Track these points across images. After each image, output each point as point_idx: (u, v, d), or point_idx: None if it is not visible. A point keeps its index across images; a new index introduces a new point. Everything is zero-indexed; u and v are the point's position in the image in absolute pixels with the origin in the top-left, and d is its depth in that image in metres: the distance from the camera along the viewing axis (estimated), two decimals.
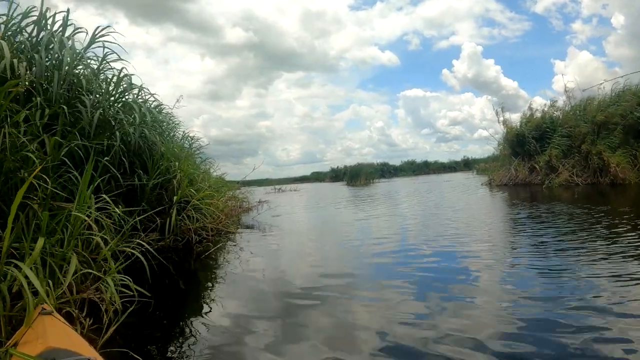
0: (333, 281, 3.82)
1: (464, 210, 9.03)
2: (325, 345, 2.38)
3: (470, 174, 31.34)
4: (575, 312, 2.51)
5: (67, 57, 4.32)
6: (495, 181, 17.04)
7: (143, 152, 5.44)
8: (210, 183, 9.31)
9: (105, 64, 5.54)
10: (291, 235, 7.30)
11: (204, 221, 6.38)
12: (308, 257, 5.31)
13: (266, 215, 10.21)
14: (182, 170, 6.10)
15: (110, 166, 4.49)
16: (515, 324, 2.44)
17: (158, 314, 3.22)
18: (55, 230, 3.04)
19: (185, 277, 4.60)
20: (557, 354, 2.04)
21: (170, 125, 9.49)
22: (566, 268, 3.54)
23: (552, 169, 13.96)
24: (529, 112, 16.52)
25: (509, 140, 16.70)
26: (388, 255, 4.83)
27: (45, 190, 3.23)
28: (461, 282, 3.46)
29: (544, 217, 6.58)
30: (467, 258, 4.34)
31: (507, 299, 2.94)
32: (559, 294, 2.89)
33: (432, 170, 53.92)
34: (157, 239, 5.46)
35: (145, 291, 3.37)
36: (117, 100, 5.19)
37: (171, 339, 2.72)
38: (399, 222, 7.98)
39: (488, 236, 5.62)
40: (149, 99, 6.66)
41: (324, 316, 2.95)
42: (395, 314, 2.79)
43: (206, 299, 3.80)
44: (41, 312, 1.98)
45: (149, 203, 5.53)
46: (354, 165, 40.33)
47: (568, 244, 4.54)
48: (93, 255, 3.43)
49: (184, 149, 8.85)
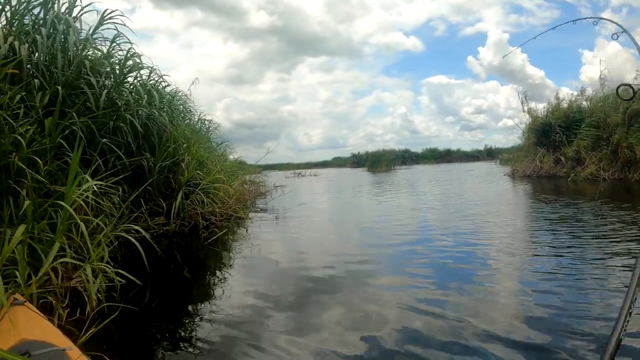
0: (346, 267, 3.81)
1: (485, 202, 8.74)
2: (337, 334, 2.37)
3: (493, 164, 30.63)
4: (592, 309, 2.46)
5: (73, 37, 4.21)
6: (518, 172, 16.51)
7: (151, 133, 5.36)
8: (225, 167, 9.27)
9: (115, 47, 5.47)
10: (302, 221, 7.17)
11: (213, 206, 6.32)
12: (318, 243, 5.24)
13: (280, 200, 10.13)
14: (191, 153, 6.01)
15: (114, 147, 4.41)
16: (532, 317, 2.42)
17: (156, 300, 3.17)
18: (48, 214, 2.98)
19: (190, 263, 4.53)
20: (572, 347, 2.01)
21: (185, 108, 9.46)
22: (586, 267, 3.39)
23: (578, 161, 13.41)
24: (556, 102, 15.88)
25: (533, 129, 16.09)
26: (407, 243, 4.76)
27: (40, 173, 3.17)
28: (479, 274, 3.41)
29: (568, 213, 6.26)
30: (487, 251, 4.23)
31: (525, 292, 2.89)
32: (578, 292, 2.81)
33: (454, 158, 52.88)
34: (163, 223, 5.42)
35: (147, 277, 3.35)
36: (123, 81, 5.10)
37: (165, 329, 2.65)
38: (418, 211, 7.77)
39: (509, 229, 5.42)
40: (160, 81, 6.55)
41: (337, 303, 2.92)
42: (412, 302, 2.77)
43: (210, 285, 3.76)
44: (13, 302, 1.91)
45: (156, 186, 5.48)
46: (374, 152, 39.98)
47: (591, 242, 4.28)
48: (89, 240, 3.39)
49: (198, 131, 8.79)
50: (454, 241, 4.69)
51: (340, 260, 4.09)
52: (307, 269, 3.91)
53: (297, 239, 5.63)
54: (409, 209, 8.20)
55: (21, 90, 3.41)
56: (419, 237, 5.15)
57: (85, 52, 4.86)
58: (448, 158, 53.24)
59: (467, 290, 2.98)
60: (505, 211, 7.32)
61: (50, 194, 3.28)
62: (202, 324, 2.68)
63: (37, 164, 3.10)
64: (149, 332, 2.61)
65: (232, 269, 4.25)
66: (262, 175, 16.38)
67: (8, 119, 2.89)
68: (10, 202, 2.76)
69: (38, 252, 2.60)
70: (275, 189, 11.68)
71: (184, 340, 2.45)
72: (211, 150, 8.77)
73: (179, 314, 2.94)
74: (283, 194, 11.28)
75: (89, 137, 4.31)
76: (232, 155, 12.82)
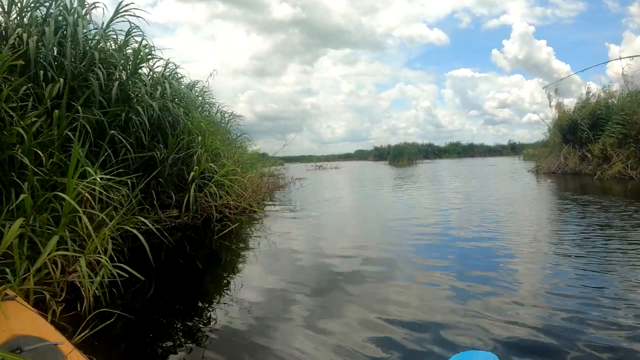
0: (358, 262, 3.77)
1: (508, 199, 8.43)
2: (352, 329, 2.34)
3: (517, 159, 29.86)
4: (612, 311, 2.40)
5: (81, 30, 4.18)
6: (542, 168, 15.99)
7: (165, 126, 5.33)
8: (243, 159, 9.24)
9: (130, 39, 5.45)
10: (318, 215, 7.03)
11: (227, 199, 6.27)
12: (331, 239, 5.12)
13: (297, 194, 10.05)
14: (205, 145, 5.96)
15: (124, 139, 4.39)
16: (549, 315, 2.39)
17: (161, 294, 3.13)
18: (51, 207, 2.96)
19: (200, 256, 4.48)
20: (587, 347, 2.00)
21: (204, 99, 9.45)
22: (610, 270, 3.23)
23: (605, 158, 12.90)
24: (585, 97, 15.27)
25: (560, 126, 15.54)
26: (426, 242, 4.65)
27: (45, 165, 3.15)
28: (499, 272, 3.33)
29: (594, 213, 5.96)
30: (508, 249, 4.12)
31: (545, 292, 2.82)
32: (598, 293, 2.71)
33: (477, 153, 51.94)
34: (176, 215, 5.40)
35: (153, 270, 3.32)
36: (134, 73, 5.06)
37: (170, 323, 2.61)
38: (439, 208, 7.45)
39: (532, 228, 5.25)
40: (174, 73, 6.52)
41: (351, 297, 2.87)
42: (431, 298, 2.81)
43: (217, 278, 3.72)
44: (4, 297, 1.87)
45: (170, 178, 5.46)
46: (397, 145, 39.58)
47: (616, 244, 4.08)
48: (95, 233, 3.36)
49: (215, 123, 8.77)
50: (474, 238, 4.61)
51: (353, 255, 4.05)
52: (318, 264, 3.84)
53: (310, 234, 5.52)
54: (430, 205, 7.94)
55: (26, 82, 3.38)
56: (440, 235, 4.95)
57: (99, 44, 4.85)
58: (471, 153, 52.31)
59: (485, 287, 2.96)
60: (528, 208, 7.05)
61: (57, 186, 3.27)
62: (208, 316, 2.65)
63: (42, 157, 3.07)
64: (153, 327, 2.56)
65: (241, 264, 4.18)
66: (282, 167, 16.37)
67: (9, 112, 2.86)
68: (12, 195, 2.74)
69: (38, 245, 2.57)
70: (293, 182, 11.57)
71: (187, 335, 2.39)
72: (229, 142, 8.72)
73: (184, 307, 2.91)
74: (301, 187, 11.17)
75: (99, 130, 4.31)
76: (253, 147, 12.85)
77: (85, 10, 4.75)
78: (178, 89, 5.82)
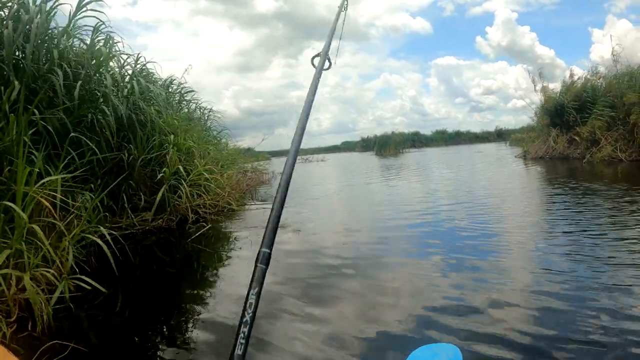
0: (336, 262, 3.62)
1: (497, 186, 8.41)
2: (344, 324, 2.34)
3: (503, 145, 29.94)
4: (607, 296, 2.40)
5: (40, 27, 3.98)
6: (530, 153, 15.97)
7: (135, 126, 5.15)
8: (222, 156, 9.06)
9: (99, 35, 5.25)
10: (296, 211, 6.82)
11: (203, 198, 6.12)
12: (305, 234, 5.00)
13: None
14: (176, 144, 5.77)
15: (88, 141, 4.21)
16: (543, 303, 2.40)
17: (126, 304, 2.99)
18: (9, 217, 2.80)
19: (174, 260, 4.35)
20: (583, 335, 1.98)
21: (182, 97, 9.25)
22: (602, 253, 3.24)
23: (594, 142, 12.87)
24: (570, 80, 15.24)
25: (546, 109, 15.51)
26: (416, 236, 4.58)
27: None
28: (491, 258, 3.39)
29: (584, 197, 5.93)
30: (499, 235, 4.20)
31: (537, 278, 2.85)
32: (590, 278, 2.73)
33: (463, 140, 51.99)
34: (152, 219, 5.23)
35: (119, 280, 3.18)
36: (97, 71, 4.85)
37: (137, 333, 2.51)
38: (426, 200, 7.27)
39: (522, 214, 5.26)
40: (144, 68, 6.32)
41: (334, 296, 2.85)
42: (424, 287, 2.84)
43: (192, 283, 3.57)
44: None
45: (142, 180, 5.29)
46: (382, 135, 39.42)
47: (607, 228, 4.07)
48: (57, 243, 3.21)
49: (193, 120, 8.58)
50: (466, 227, 4.62)
51: (330, 254, 3.94)
52: (297, 262, 3.75)
53: (290, 229, 5.32)
54: (417, 197, 7.77)
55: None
56: (430, 227, 4.89)
57: (61, 43, 4.64)
58: (457, 140, 52.35)
59: (477, 274, 3.01)
60: (519, 194, 7.07)
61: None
62: (175, 324, 2.60)
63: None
64: (119, 339, 2.44)
65: (216, 267, 4.06)
66: (268, 162, 16.22)
67: None
68: None
69: None
70: (275, 177, 11.41)
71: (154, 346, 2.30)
72: (206, 140, 8.50)
73: (153, 317, 2.79)
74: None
75: (66, 132, 4.13)
76: (239, 143, 12.67)
77: (49, 7, 4.55)
78: (147, 86, 5.60)
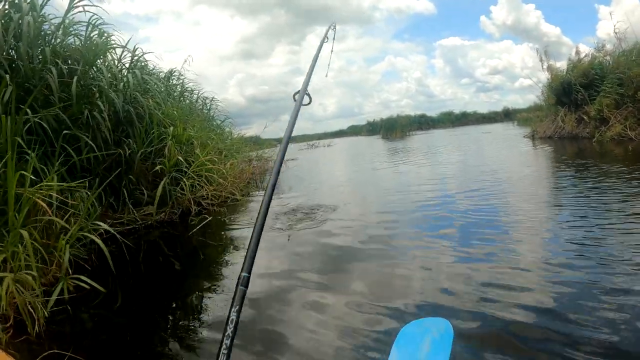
0: (343, 251, 3.61)
1: (506, 169, 8.21)
2: (355, 312, 2.32)
3: (511, 125, 29.46)
4: (615, 278, 2.36)
5: (33, 25, 3.91)
6: (538, 133, 15.68)
7: (133, 119, 5.09)
8: (226, 145, 9.00)
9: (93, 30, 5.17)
10: (300, 198, 6.70)
11: (207, 189, 6.07)
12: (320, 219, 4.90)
13: (288, 175, 9.83)
14: (175, 135, 5.70)
15: (84, 137, 4.16)
16: (552, 282, 2.42)
17: (127, 302, 2.96)
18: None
19: (178, 254, 4.30)
20: (592, 315, 1.98)
21: (183, 88, 9.19)
22: (613, 235, 3.18)
23: (603, 120, 12.58)
24: (576, 58, 14.87)
25: (553, 88, 15.19)
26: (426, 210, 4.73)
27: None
28: (501, 240, 3.37)
29: (595, 178, 5.74)
30: (508, 217, 4.18)
31: (546, 259, 2.83)
32: (600, 260, 2.67)
33: (470, 121, 51.37)
34: (155, 213, 5.20)
35: (121, 277, 3.16)
36: (91, 65, 4.77)
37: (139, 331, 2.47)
38: (435, 183, 7.13)
39: (532, 196, 5.14)
40: (140, 61, 6.23)
41: (351, 282, 2.88)
42: (434, 270, 2.86)
43: (184, 279, 3.52)
44: None
45: (143, 175, 5.25)
46: (388, 118, 39.10)
47: (619, 210, 3.93)
48: (55, 243, 3.19)
49: (194, 111, 8.50)
50: (475, 208, 4.60)
51: (345, 236, 3.97)
52: (302, 251, 3.71)
53: (293, 217, 5.23)
54: (425, 180, 7.64)
55: None
56: (441, 207, 4.86)
57: (55, 39, 4.58)
58: (464, 121, 51.80)
59: (486, 255, 3.02)
60: (528, 175, 6.94)
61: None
62: (178, 323, 2.56)
63: None
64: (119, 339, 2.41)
65: (220, 258, 4.04)
66: (273, 150, 16.11)
67: None
68: None
69: None
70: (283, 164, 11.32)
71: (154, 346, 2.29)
72: (208, 130, 8.43)
73: (149, 315, 2.76)
74: (287, 169, 10.94)
75: (62, 130, 4.09)
76: (246, 131, 12.61)
77: (41, 4, 4.47)
78: (143, 79, 5.52)
